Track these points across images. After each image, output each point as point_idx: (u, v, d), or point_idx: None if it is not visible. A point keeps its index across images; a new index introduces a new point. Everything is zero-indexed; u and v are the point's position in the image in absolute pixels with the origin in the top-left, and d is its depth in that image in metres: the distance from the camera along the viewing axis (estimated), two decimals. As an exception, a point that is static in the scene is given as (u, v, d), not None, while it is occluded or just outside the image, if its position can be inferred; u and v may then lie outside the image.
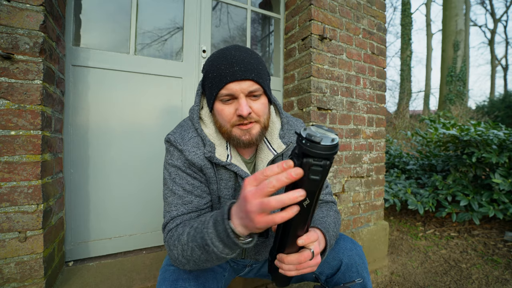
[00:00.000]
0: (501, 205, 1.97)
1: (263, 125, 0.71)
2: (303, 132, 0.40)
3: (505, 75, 19.60)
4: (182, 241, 0.61)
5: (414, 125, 7.16)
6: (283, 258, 0.56)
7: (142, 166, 1.35)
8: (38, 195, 0.90)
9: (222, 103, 0.68)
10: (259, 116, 0.69)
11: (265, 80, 0.69)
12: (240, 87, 0.64)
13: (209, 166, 0.73)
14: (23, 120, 0.88)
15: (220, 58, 0.66)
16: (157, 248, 1.38)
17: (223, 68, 0.64)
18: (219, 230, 0.52)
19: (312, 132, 0.40)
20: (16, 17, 0.87)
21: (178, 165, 0.72)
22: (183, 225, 0.66)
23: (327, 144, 0.38)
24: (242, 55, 0.66)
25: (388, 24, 21.68)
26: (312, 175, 0.40)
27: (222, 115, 0.68)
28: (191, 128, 0.75)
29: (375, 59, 1.84)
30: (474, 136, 2.15)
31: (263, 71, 0.69)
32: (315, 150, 0.38)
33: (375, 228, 1.81)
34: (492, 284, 1.54)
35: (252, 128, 0.69)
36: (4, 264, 0.86)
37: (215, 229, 0.53)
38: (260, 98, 0.69)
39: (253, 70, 0.65)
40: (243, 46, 0.70)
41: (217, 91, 0.66)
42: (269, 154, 0.76)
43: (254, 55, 0.68)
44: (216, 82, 0.65)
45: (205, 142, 0.72)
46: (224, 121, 0.69)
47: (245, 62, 0.65)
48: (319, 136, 0.38)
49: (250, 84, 0.65)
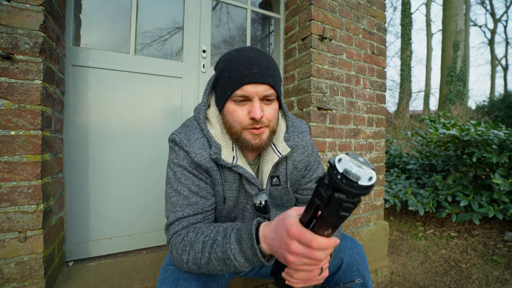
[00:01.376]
0: (501, 205, 1.97)
1: (272, 130, 0.70)
2: (338, 164, 0.36)
3: (505, 75, 19.60)
4: (195, 248, 0.61)
5: (414, 125, 7.16)
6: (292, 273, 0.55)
7: (142, 166, 1.35)
8: (38, 195, 0.90)
9: (235, 103, 0.66)
10: (269, 121, 0.68)
11: (279, 86, 0.69)
12: (256, 90, 0.64)
13: (215, 168, 0.72)
14: (23, 120, 0.88)
15: (238, 58, 0.66)
16: (157, 248, 1.38)
17: (241, 69, 0.64)
18: (244, 247, 0.55)
19: (349, 167, 0.35)
20: (16, 17, 0.87)
21: (184, 165, 0.71)
22: (194, 231, 0.65)
23: (365, 184, 0.34)
24: (261, 59, 0.66)
25: (388, 24, 21.68)
26: (342, 212, 0.38)
27: (234, 116, 0.67)
28: (196, 129, 0.74)
29: (375, 59, 1.84)
30: (474, 136, 2.15)
31: (278, 76, 0.69)
32: (350, 189, 0.35)
33: (375, 228, 1.81)
34: (492, 284, 1.54)
35: (263, 133, 0.68)
36: (4, 264, 0.86)
37: (239, 246, 0.56)
38: (273, 103, 0.69)
39: (271, 75, 0.65)
40: (261, 50, 0.70)
41: (232, 90, 0.65)
42: (274, 157, 0.75)
43: (271, 60, 0.69)
44: (232, 81, 0.64)
45: (211, 143, 0.71)
46: (236, 122, 0.68)
47: (263, 66, 0.65)
48: (356, 174, 0.35)
49: (266, 88, 0.65)
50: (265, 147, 0.71)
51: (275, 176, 0.79)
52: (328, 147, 1.60)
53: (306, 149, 0.81)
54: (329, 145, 1.61)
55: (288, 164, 0.79)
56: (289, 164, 0.79)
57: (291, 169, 0.80)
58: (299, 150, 0.80)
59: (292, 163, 0.80)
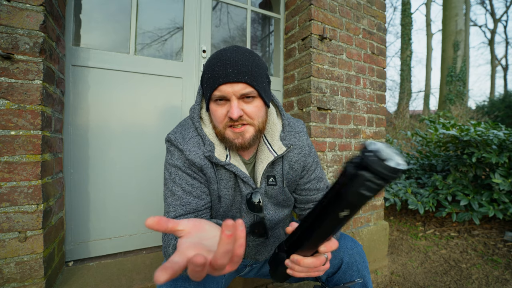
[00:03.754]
0: (501, 205, 1.97)
1: (257, 128, 0.70)
2: (371, 145, 0.37)
3: (505, 75, 19.61)
4: (164, 241, 0.64)
5: (414, 125, 7.16)
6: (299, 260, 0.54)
7: (142, 166, 1.35)
8: (38, 195, 0.90)
9: (216, 104, 0.67)
10: (252, 118, 0.68)
11: (260, 83, 0.67)
12: (232, 89, 0.64)
13: (209, 165, 0.73)
14: (23, 120, 0.88)
15: (215, 59, 0.66)
16: (157, 248, 1.38)
17: (217, 70, 0.64)
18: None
19: (380, 148, 0.37)
20: (16, 17, 0.87)
21: (178, 165, 0.72)
22: None
23: (392, 165, 0.35)
24: (238, 57, 0.65)
25: (388, 24, 21.67)
26: (364, 190, 0.38)
27: (215, 116, 0.68)
28: (191, 128, 0.75)
29: (375, 59, 1.84)
30: (474, 136, 2.15)
31: (258, 73, 0.67)
32: (377, 167, 0.36)
33: (375, 228, 1.81)
34: (492, 284, 1.54)
35: (246, 132, 0.68)
36: (4, 264, 0.86)
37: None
38: (254, 101, 0.67)
39: (247, 73, 0.64)
40: (242, 47, 0.69)
41: (211, 91, 0.66)
42: (269, 156, 0.75)
43: (251, 57, 0.67)
44: (210, 83, 0.65)
45: (204, 141, 0.72)
46: (217, 122, 0.69)
47: (239, 64, 0.64)
48: (387, 155, 0.36)
49: (242, 87, 0.64)
50: (249, 146, 0.70)
51: (271, 175, 0.79)
52: (328, 147, 1.60)
53: (303, 149, 0.81)
54: (329, 145, 1.61)
55: (285, 164, 0.79)
56: (285, 164, 0.79)
57: (287, 169, 0.80)
58: (295, 150, 0.80)
59: (289, 163, 0.80)
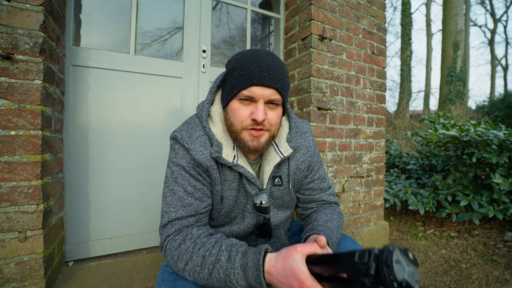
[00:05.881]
0: (501, 205, 1.97)
1: (272, 135, 0.71)
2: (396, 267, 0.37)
3: (505, 75, 19.59)
4: (194, 261, 0.62)
5: (414, 125, 7.16)
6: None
7: (142, 166, 1.35)
8: (38, 195, 0.90)
9: (240, 102, 0.67)
10: (271, 125, 0.69)
11: (286, 93, 0.70)
12: (262, 93, 0.65)
13: (215, 167, 0.72)
14: (23, 120, 0.88)
15: (250, 59, 0.66)
16: (157, 248, 1.38)
17: (252, 70, 0.64)
18: (248, 275, 0.56)
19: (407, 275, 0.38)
20: (16, 17, 0.87)
21: (183, 164, 0.71)
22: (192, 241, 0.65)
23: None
24: (273, 63, 0.66)
25: (388, 24, 21.67)
26: None
27: (236, 115, 0.68)
28: (198, 126, 0.74)
29: (375, 59, 1.84)
30: (474, 136, 2.14)
31: (287, 83, 0.69)
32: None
33: (375, 228, 1.81)
34: (492, 284, 1.54)
35: (262, 136, 0.69)
36: (4, 264, 0.86)
37: (244, 273, 0.57)
38: (277, 109, 0.69)
39: (280, 81, 0.66)
40: (274, 54, 0.71)
41: (239, 89, 0.65)
42: (276, 157, 0.76)
43: (283, 66, 0.69)
44: (241, 80, 0.65)
45: (212, 141, 0.71)
46: (237, 121, 0.68)
47: (274, 71, 0.65)
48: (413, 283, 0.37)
49: (273, 93, 0.65)
50: (263, 151, 0.71)
51: (277, 176, 0.79)
52: (328, 147, 1.60)
53: (309, 149, 0.82)
54: (329, 145, 1.61)
55: (291, 165, 0.79)
56: (292, 165, 0.80)
57: (294, 169, 0.80)
58: (302, 150, 0.81)
59: (295, 163, 0.80)
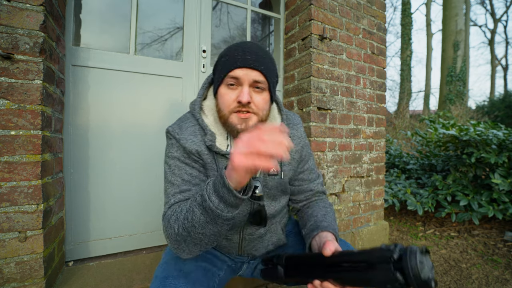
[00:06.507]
0: (501, 205, 1.97)
1: (260, 119, 0.73)
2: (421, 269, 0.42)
3: (505, 75, 19.59)
4: (183, 211, 0.63)
5: (414, 125, 7.16)
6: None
7: (142, 166, 1.35)
8: (38, 195, 0.90)
9: (227, 87, 0.70)
10: (258, 109, 0.71)
11: (271, 78, 0.72)
12: (247, 75, 0.67)
13: (206, 152, 0.74)
14: (23, 120, 0.88)
15: (235, 46, 0.71)
16: (157, 248, 1.38)
17: (236, 54, 0.68)
18: (216, 183, 0.57)
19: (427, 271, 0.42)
20: (16, 17, 0.87)
21: (177, 156, 0.74)
22: (180, 208, 0.67)
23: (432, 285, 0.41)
24: (257, 49, 0.70)
25: (388, 24, 21.67)
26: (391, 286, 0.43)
27: (223, 99, 0.71)
28: (189, 119, 0.78)
29: (375, 59, 1.84)
30: (473, 136, 2.14)
31: (272, 69, 0.72)
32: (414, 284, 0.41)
33: (375, 228, 1.81)
34: (492, 284, 1.54)
35: (250, 119, 0.71)
36: (4, 264, 0.86)
37: (213, 185, 0.57)
38: (263, 93, 0.71)
39: (263, 63, 0.69)
40: (262, 45, 0.75)
41: (225, 73, 0.69)
42: None
43: (268, 54, 0.73)
44: (226, 65, 0.69)
45: (206, 131, 0.74)
46: (224, 105, 0.71)
47: (258, 55, 0.69)
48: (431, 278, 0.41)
49: (257, 74, 0.68)
50: None
51: None
52: (328, 147, 1.60)
53: (301, 140, 0.86)
54: (329, 145, 1.61)
55: None
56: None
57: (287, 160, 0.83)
58: (294, 141, 0.84)
59: (289, 153, 0.83)
